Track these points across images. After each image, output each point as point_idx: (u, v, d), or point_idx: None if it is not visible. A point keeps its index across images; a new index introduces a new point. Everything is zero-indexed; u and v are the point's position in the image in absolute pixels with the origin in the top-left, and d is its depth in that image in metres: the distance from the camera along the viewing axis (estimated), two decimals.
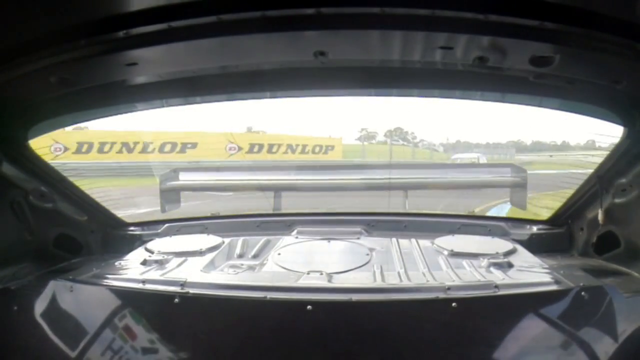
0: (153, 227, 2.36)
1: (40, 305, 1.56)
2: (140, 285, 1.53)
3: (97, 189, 2.22)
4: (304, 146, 18.63)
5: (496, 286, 1.43)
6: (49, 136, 1.80)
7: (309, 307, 1.37)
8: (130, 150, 15.05)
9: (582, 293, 1.39)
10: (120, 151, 15.00)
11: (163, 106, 1.83)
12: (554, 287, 1.45)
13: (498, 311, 1.41)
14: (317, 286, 1.51)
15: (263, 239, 2.14)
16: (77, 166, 2.41)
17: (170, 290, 1.47)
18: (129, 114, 1.86)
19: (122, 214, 2.39)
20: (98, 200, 2.18)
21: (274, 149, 18.13)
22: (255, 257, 1.99)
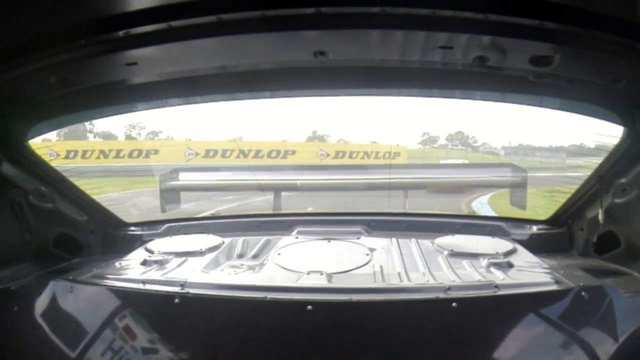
0: (153, 227, 2.36)
1: (40, 306, 1.56)
2: (140, 286, 1.53)
3: None
4: (376, 152, 19.11)
5: (496, 286, 1.42)
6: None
7: (309, 307, 1.37)
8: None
9: (582, 293, 1.39)
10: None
11: (163, 106, 1.83)
12: (554, 287, 1.45)
13: (498, 311, 1.41)
14: (317, 286, 1.51)
15: (263, 239, 2.14)
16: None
17: (170, 291, 1.47)
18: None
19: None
20: (98, 200, 2.18)
21: (354, 155, 18.85)
22: (255, 257, 1.99)
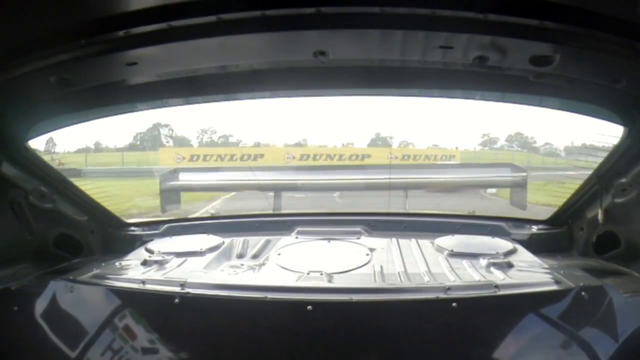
0: (153, 227, 2.36)
1: (40, 306, 1.56)
2: (140, 286, 1.53)
3: None
4: (435, 156, 19.24)
5: (496, 286, 1.42)
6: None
7: (309, 307, 1.37)
8: None
9: (582, 293, 1.39)
10: None
11: (163, 106, 1.83)
12: (554, 287, 1.45)
13: (498, 311, 1.41)
14: (317, 286, 1.51)
15: (263, 239, 2.14)
16: None
17: (170, 291, 1.47)
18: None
19: None
20: (98, 200, 2.18)
21: (417, 158, 19.15)
22: (255, 257, 1.99)
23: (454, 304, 1.36)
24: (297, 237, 2.17)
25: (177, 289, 1.46)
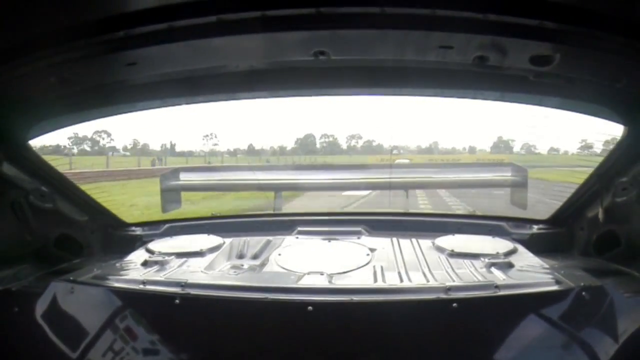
0: (154, 227, 2.36)
1: (41, 307, 1.56)
2: (141, 286, 1.53)
3: None
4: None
5: (497, 286, 1.42)
6: None
7: (309, 307, 1.37)
8: None
9: (583, 293, 1.39)
10: None
11: (163, 106, 1.84)
12: (554, 287, 1.45)
13: (499, 311, 1.41)
14: (318, 287, 1.51)
15: (264, 239, 2.14)
16: None
17: (171, 291, 1.47)
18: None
19: None
20: (99, 200, 2.18)
21: None
22: (255, 257, 1.99)
23: (454, 304, 1.36)
24: (297, 237, 2.17)
25: (178, 290, 1.46)
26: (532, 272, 1.65)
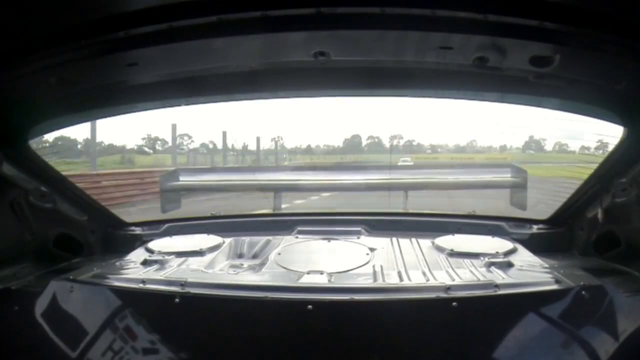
0: (153, 227, 2.36)
1: (40, 306, 1.56)
2: (140, 285, 1.53)
3: None
4: None
5: (496, 286, 1.42)
6: None
7: (309, 306, 1.37)
8: None
9: (583, 292, 1.39)
10: None
11: (163, 106, 1.84)
12: (554, 287, 1.45)
13: (498, 311, 1.41)
14: (318, 286, 1.51)
15: (263, 238, 2.14)
16: None
17: (170, 290, 1.47)
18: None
19: None
20: (98, 200, 2.18)
21: None
22: (255, 256, 1.99)
23: (454, 304, 1.36)
24: (297, 237, 2.17)
25: (178, 289, 1.46)
26: (531, 271, 1.65)
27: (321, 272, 1.62)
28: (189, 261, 1.86)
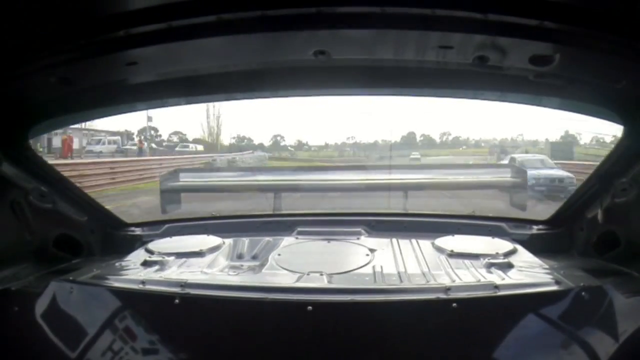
0: (153, 227, 2.36)
1: (40, 306, 1.56)
2: (140, 286, 1.52)
3: None
4: None
5: (496, 286, 1.42)
6: None
7: (309, 307, 1.37)
8: None
9: (583, 293, 1.39)
10: None
11: (163, 106, 1.84)
12: (554, 288, 1.45)
13: (498, 311, 1.41)
14: (318, 287, 1.51)
15: (263, 239, 2.14)
16: None
17: (170, 291, 1.46)
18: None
19: None
20: (98, 200, 2.18)
21: None
22: (255, 257, 1.99)
23: (454, 305, 1.36)
24: (297, 238, 2.17)
25: (177, 290, 1.46)
26: (531, 272, 1.65)
27: (321, 273, 1.62)
28: (188, 262, 1.85)
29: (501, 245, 1.95)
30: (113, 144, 18.98)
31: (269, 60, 1.48)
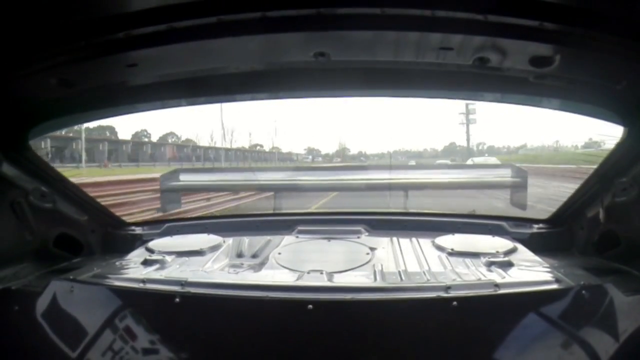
0: (153, 226, 2.36)
1: (41, 306, 1.56)
2: (140, 285, 1.53)
3: None
4: None
5: (496, 285, 1.43)
6: None
7: (309, 306, 1.37)
8: None
9: (583, 292, 1.39)
10: None
11: (163, 107, 1.84)
12: (554, 286, 1.45)
13: (498, 310, 1.41)
14: (318, 285, 1.51)
15: (263, 238, 2.14)
16: None
17: (171, 290, 1.47)
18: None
19: None
20: (98, 200, 2.18)
21: None
22: (255, 256, 1.99)
23: (454, 303, 1.36)
24: (297, 237, 2.17)
25: (178, 288, 1.46)
26: (532, 270, 1.65)
27: (321, 272, 1.62)
28: (189, 261, 1.86)
29: (501, 244, 1.95)
30: None
31: (269, 62, 1.48)
